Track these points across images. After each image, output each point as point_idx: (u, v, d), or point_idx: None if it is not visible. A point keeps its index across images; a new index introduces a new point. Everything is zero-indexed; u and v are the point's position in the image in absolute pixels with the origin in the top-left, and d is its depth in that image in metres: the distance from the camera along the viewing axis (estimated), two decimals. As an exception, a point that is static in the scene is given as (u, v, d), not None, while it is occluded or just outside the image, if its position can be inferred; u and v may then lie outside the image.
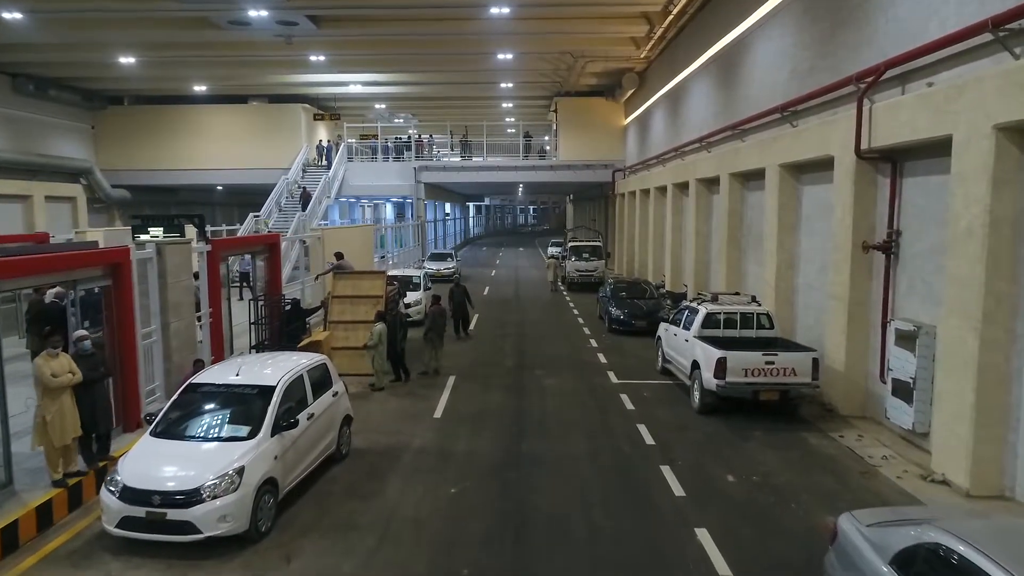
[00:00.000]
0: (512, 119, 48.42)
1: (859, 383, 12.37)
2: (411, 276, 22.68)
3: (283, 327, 14.91)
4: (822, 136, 13.31)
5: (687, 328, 13.69)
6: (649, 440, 11.20)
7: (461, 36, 26.89)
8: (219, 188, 43.54)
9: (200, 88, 36.88)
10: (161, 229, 12.40)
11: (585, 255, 31.92)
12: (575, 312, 24.92)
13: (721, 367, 11.70)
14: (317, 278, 18.98)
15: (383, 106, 43.16)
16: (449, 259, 36.11)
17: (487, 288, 31.75)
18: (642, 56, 28.75)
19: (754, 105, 17.77)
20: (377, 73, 34.14)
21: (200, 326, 12.76)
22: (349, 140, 40.51)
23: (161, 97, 38.99)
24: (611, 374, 15.63)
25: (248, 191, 39.60)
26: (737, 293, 14.69)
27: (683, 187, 24.91)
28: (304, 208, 29.83)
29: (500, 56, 29.25)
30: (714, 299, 13.79)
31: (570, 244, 33.41)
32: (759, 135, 17.39)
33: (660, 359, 15.64)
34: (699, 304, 13.76)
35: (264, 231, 31.80)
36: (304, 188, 32.61)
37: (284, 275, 21.80)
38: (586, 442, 11.14)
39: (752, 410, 12.30)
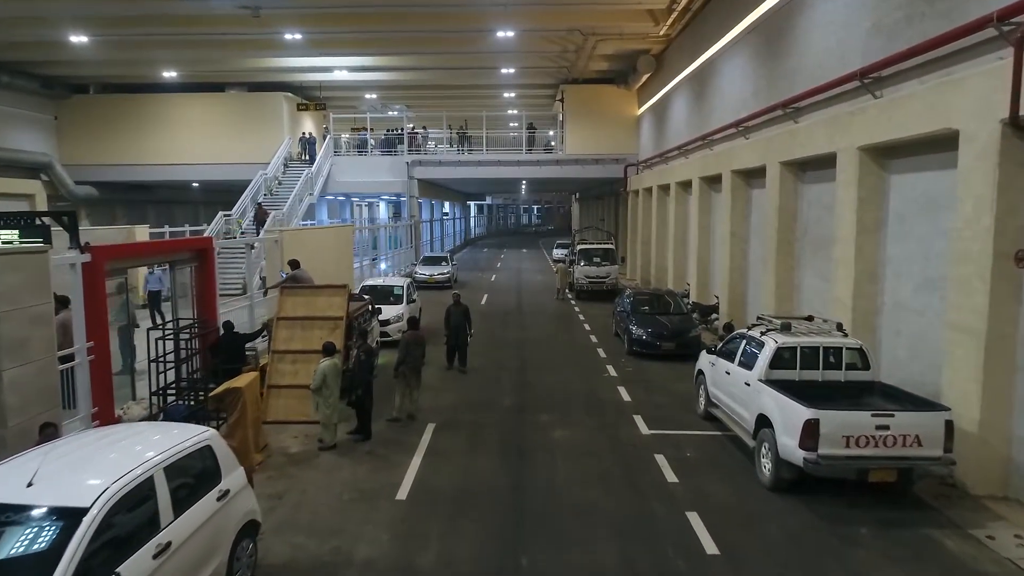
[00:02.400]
0: (515, 111, 44.82)
1: (999, 450, 8.74)
2: (392, 287, 19.02)
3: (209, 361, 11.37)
4: (936, 104, 9.69)
5: (747, 366, 10.07)
6: (710, 545, 7.57)
7: (456, 9, 23.37)
8: (195, 185, 40.08)
9: (172, 75, 33.45)
10: (16, 232, 8.94)
11: (596, 259, 28.22)
12: (586, 327, 21.30)
13: (811, 433, 8.04)
14: (266, 292, 15.36)
15: (374, 96, 39.63)
16: (444, 263, 32.37)
17: (485, 296, 28.18)
18: (661, 33, 25.18)
19: (812, 76, 14.18)
20: (364, 57, 30.65)
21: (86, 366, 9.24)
22: (340, 134, 37.00)
23: (131, 85, 35.80)
24: (639, 420, 12.03)
25: (231, 188, 36.16)
26: (810, 317, 10.96)
27: (713, 181, 21.32)
28: (258, 230, 25.83)
29: (500, 34, 25.62)
30: (785, 328, 10.09)
31: (578, 247, 29.55)
32: (822, 112, 13.78)
33: (703, 400, 12.03)
34: (764, 334, 10.08)
35: (237, 232, 28.40)
36: (259, 204, 28.82)
37: (268, 279, 18.12)
38: (617, 548, 7.52)
39: (844, 485, 8.71)
